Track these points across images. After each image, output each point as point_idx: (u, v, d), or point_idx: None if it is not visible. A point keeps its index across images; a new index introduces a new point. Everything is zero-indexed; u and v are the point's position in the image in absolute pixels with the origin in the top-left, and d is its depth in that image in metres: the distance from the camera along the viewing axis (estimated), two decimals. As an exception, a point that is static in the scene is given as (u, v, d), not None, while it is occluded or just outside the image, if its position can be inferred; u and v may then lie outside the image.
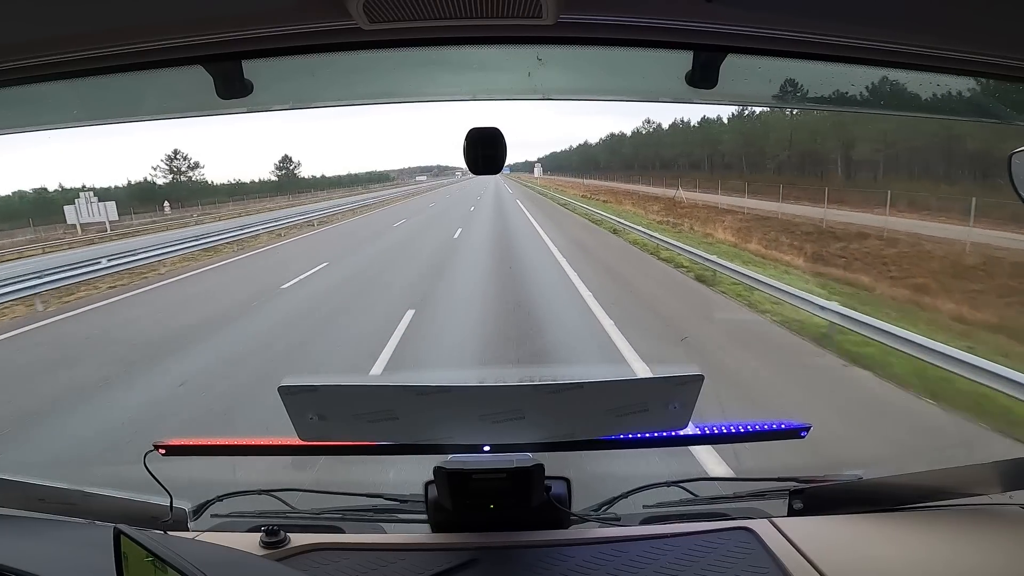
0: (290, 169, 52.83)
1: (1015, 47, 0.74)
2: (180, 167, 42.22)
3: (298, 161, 53.10)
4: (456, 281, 9.32)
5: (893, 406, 4.28)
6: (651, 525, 1.17)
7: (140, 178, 41.49)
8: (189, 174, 42.49)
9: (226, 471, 1.57)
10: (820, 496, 1.19)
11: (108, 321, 7.82)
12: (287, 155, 53.42)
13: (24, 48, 0.76)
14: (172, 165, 42.27)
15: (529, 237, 15.00)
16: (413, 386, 0.98)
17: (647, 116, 43.10)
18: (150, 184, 40.62)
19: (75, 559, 1.02)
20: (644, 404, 1.00)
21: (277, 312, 7.69)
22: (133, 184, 39.86)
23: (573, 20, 0.74)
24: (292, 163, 52.55)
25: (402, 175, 76.91)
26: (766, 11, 0.72)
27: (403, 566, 1.03)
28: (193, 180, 42.54)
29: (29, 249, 18.45)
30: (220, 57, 0.82)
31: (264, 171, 65.22)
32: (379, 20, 0.71)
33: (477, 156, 0.98)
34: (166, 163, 42.26)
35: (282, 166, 52.57)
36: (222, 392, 4.70)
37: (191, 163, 42.44)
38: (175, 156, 42.16)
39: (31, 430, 4.12)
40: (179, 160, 42.26)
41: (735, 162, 32.65)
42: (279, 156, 57.95)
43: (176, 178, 42.05)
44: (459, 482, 1.08)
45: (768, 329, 6.43)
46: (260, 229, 17.43)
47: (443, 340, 6.14)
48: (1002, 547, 1.03)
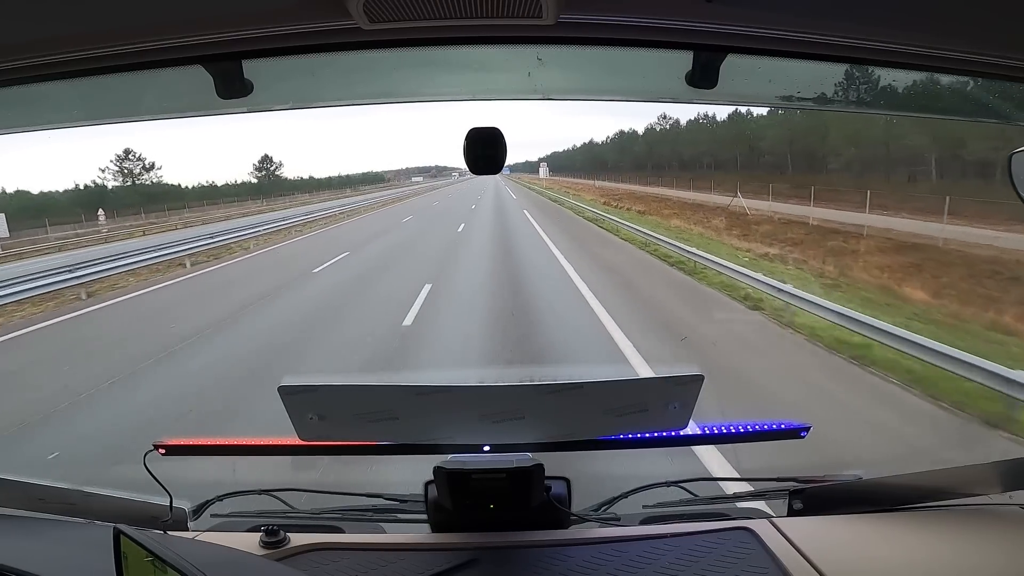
0: (271, 170, 49.43)
1: (1015, 47, 0.74)
2: (131, 168, 37.38)
3: (280, 161, 50.01)
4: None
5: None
6: (651, 525, 1.17)
7: (89, 181, 36.54)
8: (144, 177, 37.73)
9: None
10: (820, 496, 1.18)
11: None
12: (267, 155, 50.60)
13: (24, 48, 0.76)
14: (122, 167, 37.21)
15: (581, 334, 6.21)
16: (413, 386, 0.98)
17: (663, 112, 40.57)
18: (100, 188, 35.85)
19: (75, 559, 1.02)
20: (644, 404, 1.01)
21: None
22: (81, 189, 35.14)
23: (573, 20, 0.74)
24: (273, 164, 49.21)
25: (399, 176, 76.07)
26: (766, 11, 0.72)
27: (403, 566, 1.03)
28: (154, 183, 37.76)
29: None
30: (220, 57, 0.82)
31: (243, 172, 61.50)
32: (379, 20, 0.71)
33: (477, 156, 0.98)
34: (116, 164, 37.13)
35: (262, 167, 49.05)
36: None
37: (145, 164, 37.66)
38: (126, 156, 37.12)
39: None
40: (131, 161, 37.29)
41: (778, 161, 28.14)
42: (259, 156, 55.02)
43: (128, 181, 37.19)
44: (459, 482, 1.08)
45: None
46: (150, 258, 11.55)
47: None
48: (1002, 547, 1.03)
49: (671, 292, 8.35)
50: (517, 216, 22.05)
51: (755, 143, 30.40)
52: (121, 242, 17.42)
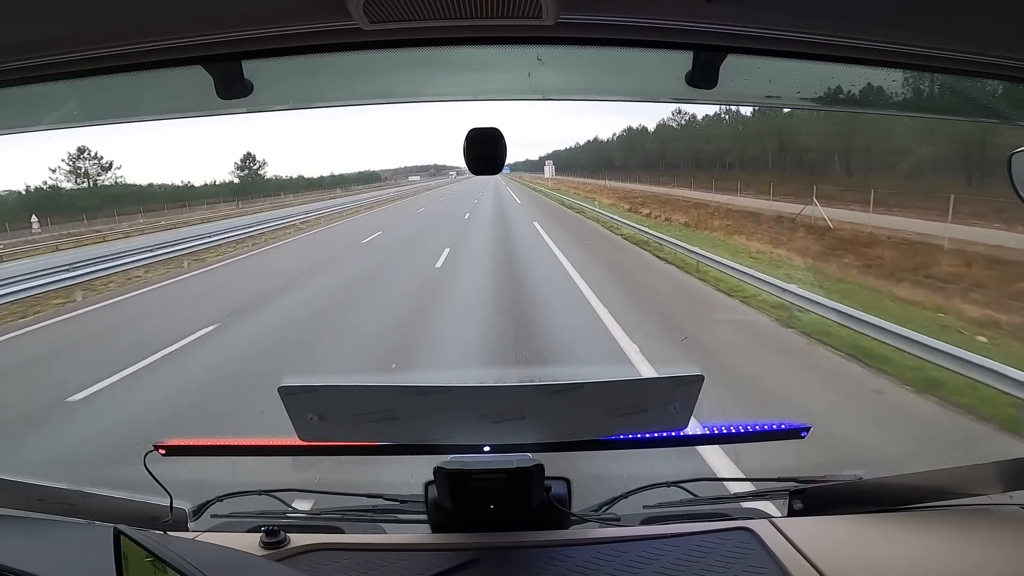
0: (253, 169, 46.59)
1: (1015, 47, 0.74)
2: (87, 169, 33.87)
3: (263, 160, 47.27)
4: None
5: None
6: (651, 525, 1.17)
7: (40, 183, 32.67)
8: (100, 178, 34.22)
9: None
10: (820, 496, 1.19)
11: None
12: (250, 153, 47.39)
13: (24, 48, 0.76)
14: (76, 167, 33.59)
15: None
16: (413, 386, 0.98)
17: (676, 107, 37.42)
18: (56, 190, 32.21)
19: (75, 559, 1.02)
20: (644, 404, 1.01)
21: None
22: (33, 191, 31.57)
23: (573, 20, 0.74)
24: (256, 162, 46.42)
25: (396, 175, 75.22)
26: (766, 11, 0.72)
27: (403, 566, 1.03)
28: (114, 184, 34.33)
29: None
30: (220, 57, 0.82)
31: (225, 172, 57.39)
32: (379, 20, 0.71)
33: (477, 156, 0.98)
34: (68, 164, 33.42)
35: (244, 165, 46.16)
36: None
37: (103, 163, 34.25)
38: (80, 155, 33.51)
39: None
40: (85, 160, 33.73)
41: (821, 160, 23.85)
42: (241, 155, 50.22)
43: (82, 182, 33.57)
44: (459, 482, 1.08)
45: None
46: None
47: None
48: (1002, 547, 1.03)
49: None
50: (525, 232, 15.18)
51: (792, 139, 26.36)
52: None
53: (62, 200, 30.91)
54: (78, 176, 33.85)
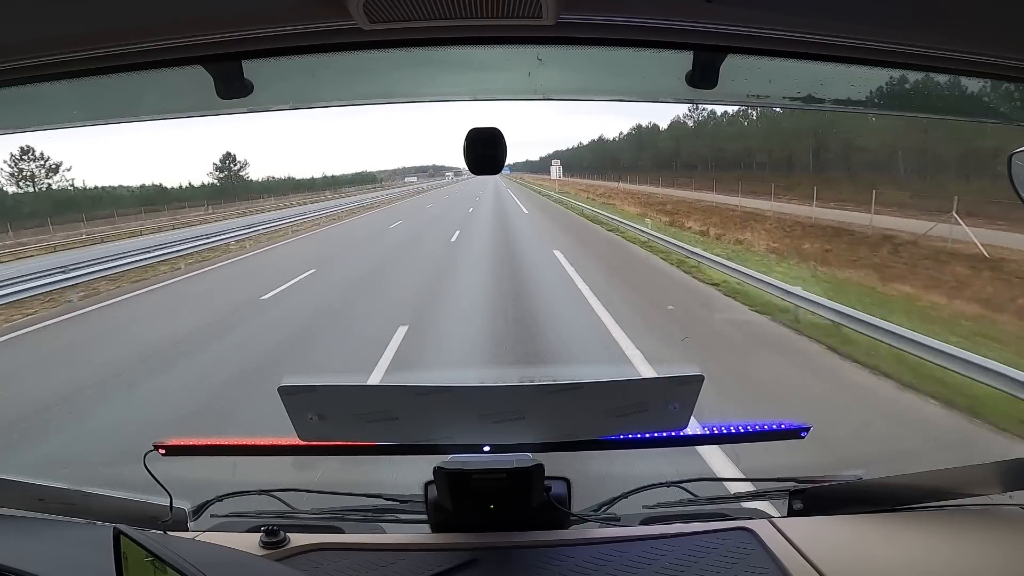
0: (234, 170, 44.17)
1: (1015, 47, 0.74)
2: (30, 171, 30.42)
3: (244, 160, 44.95)
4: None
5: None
6: (651, 525, 1.17)
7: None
8: (46, 181, 30.74)
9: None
10: (820, 496, 1.18)
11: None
12: (230, 152, 45.56)
13: (24, 48, 0.76)
14: (17, 168, 30.20)
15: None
16: (413, 386, 0.98)
17: (693, 104, 32.52)
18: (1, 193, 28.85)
19: (75, 559, 1.02)
20: (644, 404, 1.00)
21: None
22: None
23: (573, 20, 0.74)
24: (237, 163, 44.05)
25: (393, 176, 74.52)
26: (766, 11, 0.72)
27: (403, 566, 1.03)
28: (62, 188, 30.99)
29: None
30: (220, 57, 0.82)
31: (203, 173, 55.10)
32: (379, 20, 0.71)
33: (477, 156, 0.98)
34: (10, 165, 30.19)
35: (224, 166, 43.74)
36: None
37: (49, 165, 30.81)
38: (23, 156, 30.22)
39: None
40: (28, 161, 30.33)
41: (878, 160, 20.90)
42: (221, 154, 47.28)
43: (25, 185, 30.29)
44: (459, 482, 1.08)
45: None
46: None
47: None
48: (1002, 547, 1.03)
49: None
50: (542, 267, 9.89)
51: (835, 137, 23.35)
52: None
53: (5, 205, 27.84)
54: (21, 179, 31.14)
